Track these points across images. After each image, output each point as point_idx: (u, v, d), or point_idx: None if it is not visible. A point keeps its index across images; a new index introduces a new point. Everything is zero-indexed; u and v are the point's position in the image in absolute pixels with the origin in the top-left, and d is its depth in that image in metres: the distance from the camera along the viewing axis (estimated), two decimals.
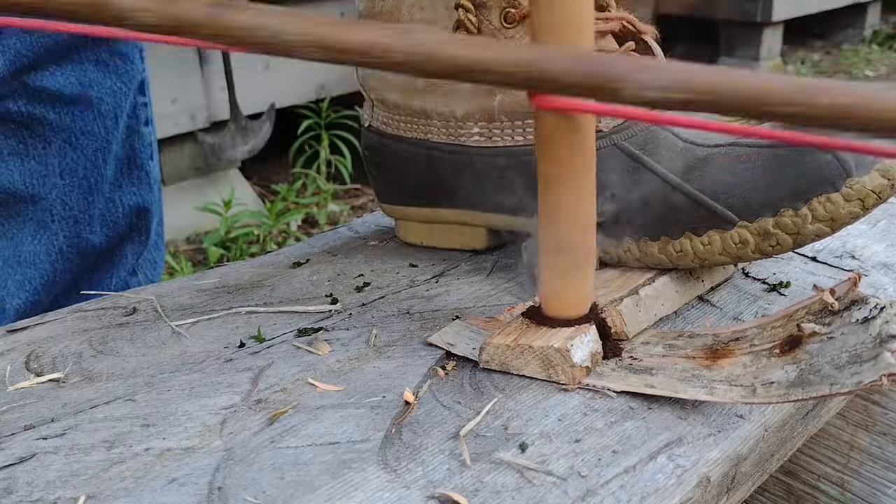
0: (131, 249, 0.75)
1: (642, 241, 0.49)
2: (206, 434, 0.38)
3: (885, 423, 0.57)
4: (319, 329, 0.48)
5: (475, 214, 0.58)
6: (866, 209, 0.43)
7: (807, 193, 0.44)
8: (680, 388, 0.39)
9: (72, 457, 0.36)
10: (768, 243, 0.45)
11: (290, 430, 0.38)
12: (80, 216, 0.69)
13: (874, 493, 0.57)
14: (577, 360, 0.40)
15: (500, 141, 0.53)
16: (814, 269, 0.54)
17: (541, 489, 0.33)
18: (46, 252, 0.68)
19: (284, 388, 0.42)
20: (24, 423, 0.39)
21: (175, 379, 0.43)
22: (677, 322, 0.48)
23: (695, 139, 0.48)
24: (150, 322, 0.50)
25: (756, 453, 0.39)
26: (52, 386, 0.43)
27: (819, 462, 0.60)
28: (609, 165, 0.49)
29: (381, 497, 0.33)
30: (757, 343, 0.41)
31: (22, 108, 0.63)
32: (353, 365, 0.44)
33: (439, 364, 0.43)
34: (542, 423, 0.38)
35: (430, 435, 0.37)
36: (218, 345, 0.47)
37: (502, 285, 0.54)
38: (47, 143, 0.65)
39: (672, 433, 0.37)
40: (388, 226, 0.69)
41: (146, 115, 0.74)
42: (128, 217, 0.73)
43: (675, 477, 0.34)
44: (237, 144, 1.93)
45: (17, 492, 0.34)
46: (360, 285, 0.55)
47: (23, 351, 0.47)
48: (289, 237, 1.89)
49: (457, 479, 0.34)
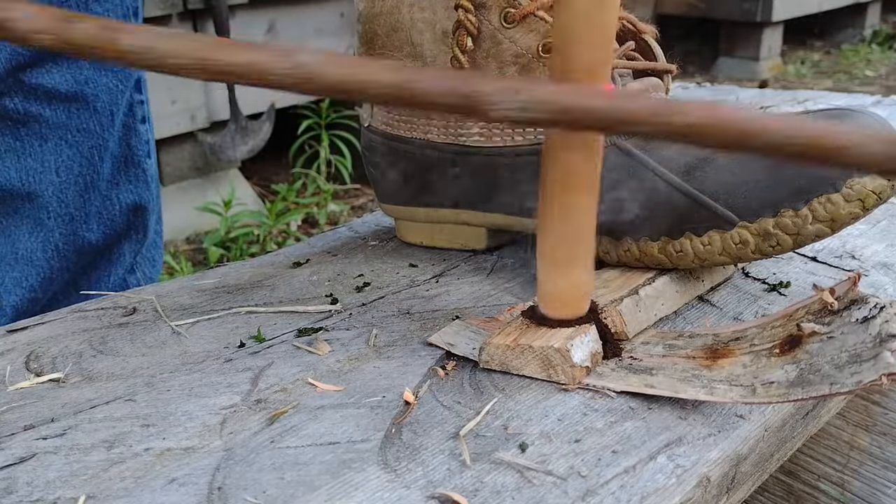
0: (129, 247, 0.75)
1: (642, 241, 0.49)
2: (206, 434, 0.38)
3: (885, 423, 0.57)
4: (319, 329, 0.48)
5: (475, 214, 0.58)
6: (867, 209, 0.43)
7: (807, 194, 0.44)
8: (680, 388, 0.39)
9: (72, 457, 0.36)
10: (768, 244, 0.45)
11: (290, 430, 0.38)
12: (76, 214, 0.69)
13: (874, 493, 0.57)
14: (577, 360, 0.40)
15: (500, 141, 0.53)
16: (814, 269, 0.54)
17: (541, 489, 0.33)
18: (43, 249, 0.68)
19: (284, 388, 0.42)
20: (24, 423, 0.39)
21: (175, 379, 0.43)
22: (677, 322, 0.48)
23: None
24: (150, 322, 0.50)
25: (756, 453, 0.39)
26: (52, 386, 0.43)
27: (819, 462, 0.60)
28: (609, 165, 0.49)
29: (381, 497, 0.33)
30: (757, 343, 0.41)
31: (18, 105, 0.63)
32: (353, 365, 0.44)
33: (439, 364, 0.43)
34: (542, 423, 0.38)
35: (430, 435, 0.37)
36: (218, 345, 0.47)
37: (502, 285, 0.54)
38: (43, 141, 0.65)
39: (672, 433, 0.37)
40: (388, 226, 0.69)
41: (143, 112, 0.74)
42: (125, 215, 0.73)
43: (675, 477, 0.34)
44: (237, 144, 1.93)
45: (17, 492, 0.34)
46: (360, 285, 0.55)
47: (23, 351, 0.47)
48: (289, 237, 1.89)
49: (457, 479, 0.34)
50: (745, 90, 1.15)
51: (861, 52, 3.78)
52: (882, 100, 1.02)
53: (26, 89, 0.63)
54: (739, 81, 3.25)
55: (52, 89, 0.64)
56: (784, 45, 3.56)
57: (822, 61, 3.74)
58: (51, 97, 0.64)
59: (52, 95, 0.64)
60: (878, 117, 0.45)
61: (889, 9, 4.06)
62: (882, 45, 3.89)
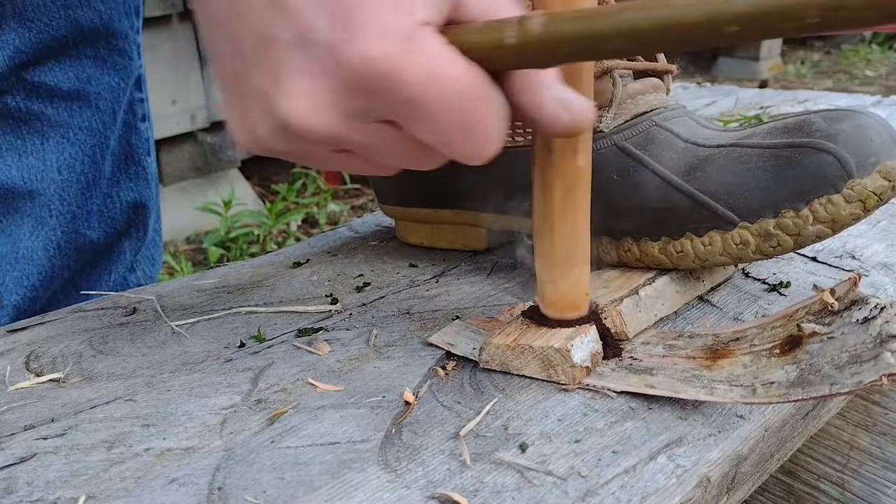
0: (129, 246, 0.75)
1: (643, 241, 0.49)
2: (206, 434, 0.38)
3: (885, 423, 0.57)
4: (319, 329, 0.48)
5: (475, 214, 0.58)
6: (867, 210, 0.43)
7: (808, 194, 0.44)
8: (680, 388, 0.39)
9: (72, 457, 0.36)
10: (769, 244, 0.45)
11: (290, 430, 0.38)
12: (77, 212, 0.69)
13: (874, 493, 0.57)
14: (577, 360, 0.40)
15: None
16: (814, 270, 0.54)
17: (541, 489, 0.33)
18: (44, 248, 0.68)
19: (284, 388, 0.42)
20: (24, 423, 0.39)
21: (175, 379, 0.43)
22: (677, 322, 0.48)
23: (696, 139, 0.48)
24: (150, 322, 0.50)
25: (756, 453, 0.39)
26: (52, 386, 0.43)
27: (819, 462, 0.60)
28: (609, 165, 0.49)
29: (381, 497, 0.33)
30: (757, 343, 0.41)
31: (20, 103, 0.63)
32: (353, 365, 0.44)
33: (439, 364, 0.43)
34: (542, 424, 0.38)
35: (430, 435, 0.37)
36: (218, 345, 0.47)
37: (502, 285, 0.54)
38: (45, 139, 0.65)
39: (672, 433, 0.37)
40: (388, 226, 0.69)
41: (143, 110, 0.74)
42: (125, 213, 0.73)
43: (675, 477, 0.34)
44: None
45: (18, 492, 0.34)
46: (360, 285, 0.55)
47: (23, 351, 0.47)
48: (289, 237, 1.89)
49: (457, 479, 0.34)
50: (745, 90, 1.15)
51: (861, 52, 3.78)
52: (882, 100, 1.02)
53: (28, 87, 0.63)
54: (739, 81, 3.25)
55: (55, 87, 0.64)
56: (784, 46, 3.56)
57: (822, 61, 3.74)
58: (53, 95, 0.64)
59: (54, 93, 0.64)
60: (878, 117, 0.45)
61: None
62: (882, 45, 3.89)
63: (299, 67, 0.31)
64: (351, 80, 0.30)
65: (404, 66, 0.30)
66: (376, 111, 0.32)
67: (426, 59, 0.30)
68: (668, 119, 0.50)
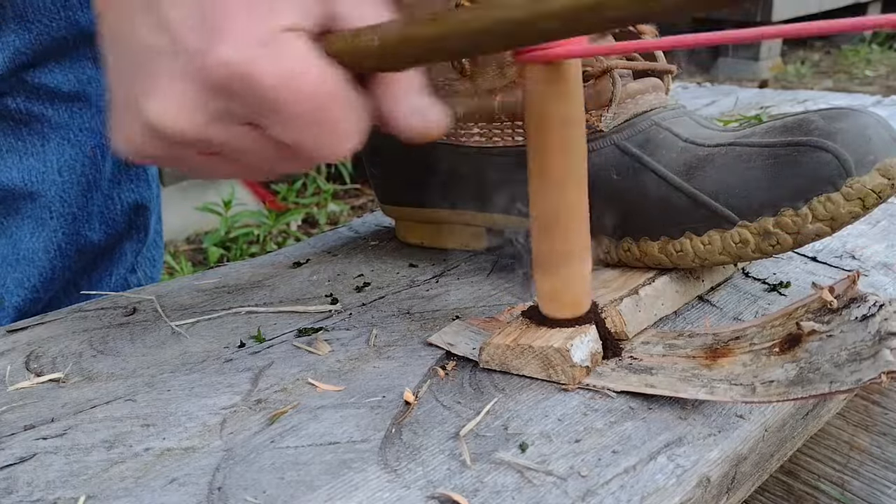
0: (130, 247, 0.75)
1: (642, 241, 0.49)
2: (206, 434, 0.38)
3: (885, 423, 0.57)
4: (319, 329, 0.48)
5: (475, 214, 0.58)
6: (867, 209, 0.43)
7: (807, 193, 0.44)
8: (680, 388, 0.39)
9: (72, 457, 0.36)
10: (769, 243, 0.45)
11: (290, 430, 0.38)
12: (78, 213, 0.69)
13: (874, 493, 0.57)
14: (576, 360, 0.40)
15: (500, 141, 0.53)
16: (814, 269, 0.54)
17: (541, 489, 0.33)
18: (45, 249, 0.68)
19: (284, 388, 0.42)
20: (24, 423, 0.39)
21: (175, 379, 0.43)
22: (677, 322, 0.48)
23: (695, 139, 0.48)
24: (150, 322, 0.50)
25: (756, 453, 0.39)
26: (52, 386, 0.43)
27: (819, 462, 0.60)
28: (609, 165, 0.49)
29: (381, 497, 0.33)
30: (756, 342, 0.41)
31: (20, 105, 0.63)
32: (353, 365, 0.44)
33: (439, 364, 0.43)
34: (542, 423, 0.38)
35: (430, 435, 0.37)
36: (218, 345, 0.47)
37: (502, 285, 0.54)
38: (46, 140, 0.65)
39: (672, 433, 0.37)
40: (388, 226, 0.69)
41: None
42: (126, 214, 0.73)
43: (675, 477, 0.34)
44: None
45: (18, 492, 0.34)
46: (360, 285, 0.55)
47: (23, 351, 0.47)
48: (289, 237, 1.89)
49: (457, 479, 0.34)
50: (745, 90, 1.15)
51: (861, 52, 3.78)
52: (882, 100, 1.02)
53: (29, 89, 0.63)
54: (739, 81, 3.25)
55: (55, 89, 0.64)
56: (784, 46, 3.56)
57: (822, 61, 3.75)
58: (53, 97, 0.64)
59: (54, 95, 0.64)
60: (877, 116, 0.45)
61: (889, 9, 4.06)
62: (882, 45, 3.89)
63: (169, 73, 0.33)
64: (213, 83, 0.32)
65: (261, 68, 0.32)
66: (238, 113, 0.34)
67: (283, 62, 0.32)
68: (668, 119, 0.50)
